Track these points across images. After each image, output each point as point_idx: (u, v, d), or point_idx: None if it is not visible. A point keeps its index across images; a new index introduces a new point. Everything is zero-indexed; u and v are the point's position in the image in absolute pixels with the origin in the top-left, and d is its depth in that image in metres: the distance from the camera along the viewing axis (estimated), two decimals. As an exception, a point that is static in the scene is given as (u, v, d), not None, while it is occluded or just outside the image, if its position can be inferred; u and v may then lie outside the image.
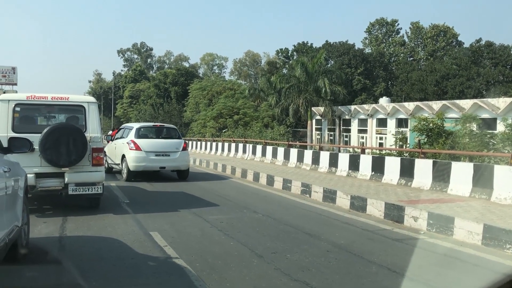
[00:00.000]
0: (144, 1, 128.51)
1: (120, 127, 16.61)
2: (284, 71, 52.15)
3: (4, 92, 26.01)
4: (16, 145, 5.00)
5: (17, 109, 7.80)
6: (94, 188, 8.01)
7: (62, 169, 7.74)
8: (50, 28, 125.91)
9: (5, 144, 4.97)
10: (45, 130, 7.51)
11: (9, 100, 7.78)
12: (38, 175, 7.60)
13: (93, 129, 8.09)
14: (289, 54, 60.06)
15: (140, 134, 13.81)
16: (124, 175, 13.50)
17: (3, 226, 3.91)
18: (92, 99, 8.73)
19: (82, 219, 7.58)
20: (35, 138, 7.13)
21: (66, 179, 7.78)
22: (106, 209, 8.48)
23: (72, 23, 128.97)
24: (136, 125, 14.63)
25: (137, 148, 13.23)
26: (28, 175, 6.03)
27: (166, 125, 16.33)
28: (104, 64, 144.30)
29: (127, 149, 13.34)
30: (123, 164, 13.62)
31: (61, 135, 7.58)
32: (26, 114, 8.24)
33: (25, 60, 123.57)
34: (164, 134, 14.47)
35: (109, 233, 6.62)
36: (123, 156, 13.58)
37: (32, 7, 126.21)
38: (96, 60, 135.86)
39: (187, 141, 32.49)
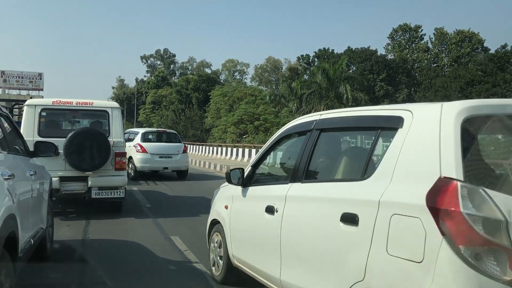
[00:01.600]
0: (168, 8, 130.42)
1: (125, 132, 17.86)
2: (305, 77, 52.06)
3: (31, 97, 26.65)
4: (42, 149, 5.12)
5: (43, 113, 7.98)
6: (117, 192, 8.12)
7: (86, 173, 7.88)
8: (75, 35, 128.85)
9: (31, 148, 5.09)
10: (70, 135, 7.67)
11: (35, 105, 7.97)
12: (63, 179, 7.75)
13: (116, 134, 8.21)
14: (310, 60, 60.00)
15: (145, 138, 15.49)
16: (132, 174, 14.84)
17: (28, 228, 4.00)
18: (115, 104, 8.88)
19: (104, 222, 7.69)
20: (59, 143, 7.28)
21: (90, 183, 7.92)
22: (128, 213, 8.59)
23: (96, 30, 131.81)
24: (141, 130, 16.35)
25: (143, 150, 14.85)
26: (52, 178, 6.17)
27: (168, 130, 18.75)
28: (127, 70, 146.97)
29: (134, 151, 14.79)
30: (130, 165, 14.96)
31: (85, 140, 7.72)
32: (51, 119, 8.42)
33: (51, 66, 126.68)
34: (166, 138, 16.24)
35: (131, 236, 6.70)
36: (130, 158, 14.94)
37: (58, 15, 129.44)
38: (120, 66, 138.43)
39: (209, 146, 32.79)
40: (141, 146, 14.94)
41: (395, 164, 2.53)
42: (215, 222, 4.72)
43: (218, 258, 4.60)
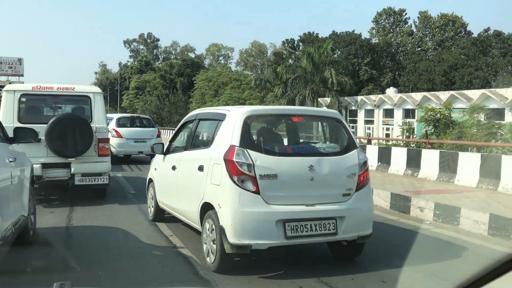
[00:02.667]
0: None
1: None
2: (291, 61, 51.87)
3: (10, 83, 26.06)
4: (21, 135, 5.03)
5: (23, 99, 7.81)
6: (100, 178, 8.04)
7: (68, 159, 7.77)
8: (56, 19, 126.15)
9: (10, 135, 4.98)
10: (51, 121, 7.53)
11: (14, 91, 7.79)
12: (45, 165, 7.63)
13: (98, 119, 8.10)
14: (295, 45, 59.70)
15: (120, 123, 15.81)
16: None
17: (9, 216, 3.94)
18: (97, 89, 8.74)
19: (88, 209, 7.62)
20: (41, 129, 7.15)
21: (73, 170, 7.81)
22: (112, 200, 8.53)
23: (78, 13, 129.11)
24: (115, 116, 16.72)
25: (119, 135, 15.10)
26: (34, 165, 6.08)
27: (141, 115, 19.70)
28: (110, 55, 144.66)
29: (109, 136, 14.83)
30: None
31: (67, 126, 7.60)
32: (32, 105, 8.25)
33: (31, 51, 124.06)
34: (140, 123, 16.83)
35: (115, 223, 6.66)
36: None
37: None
38: (102, 51, 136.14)
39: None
40: (116, 131, 15.03)
41: (219, 140, 4.77)
42: (150, 181, 6.97)
43: (151, 205, 6.86)
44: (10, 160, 4.28)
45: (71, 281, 1.60)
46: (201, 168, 4.87)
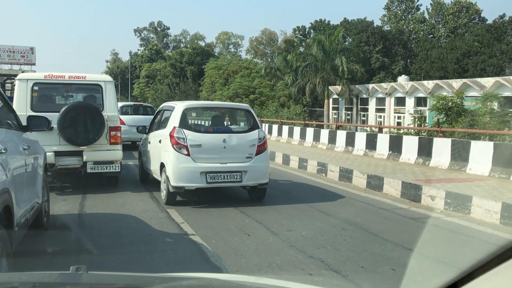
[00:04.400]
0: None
1: None
2: (301, 49, 51.44)
3: (23, 72, 26.24)
4: (35, 123, 5.07)
5: (35, 88, 7.88)
6: (112, 166, 8.12)
7: (81, 147, 7.85)
8: (67, 7, 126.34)
9: (24, 123, 5.03)
10: (63, 109, 7.59)
11: (27, 80, 7.86)
12: (57, 154, 7.72)
13: (110, 108, 8.15)
14: (306, 32, 59.18)
15: (123, 111, 16.37)
16: None
17: (24, 203, 4.00)
18: (108, 78, 8.78)
19: (100, 196, 7.71)
20: (53, 117, 7.21)
21: (85, 158, 7.90)
22: (124, 187, 8.62)
23: (89, 2, 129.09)
24: (119, 104, 16.73)
25: (122, 123, 15.75)
26: (47, 153, 6.13)
27: (144, 103, 21.31)
28: (120, 44, 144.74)
29: None
30: None
31: (79, 114, 7.66)
32: (44, 93, 8.33)
33: (43, 40, 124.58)
34: (143, 111, 17.57)
35: (127, 210, 6.74)
36: None
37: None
38: (113, 40, 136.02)
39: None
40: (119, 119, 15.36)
41: (169, 123, 7.27)
42: (139, 153, 9.53)
43: (140, 170, 9.42)
44: (24, 148, 4.34)
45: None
46: (160, 141, 7.45)
